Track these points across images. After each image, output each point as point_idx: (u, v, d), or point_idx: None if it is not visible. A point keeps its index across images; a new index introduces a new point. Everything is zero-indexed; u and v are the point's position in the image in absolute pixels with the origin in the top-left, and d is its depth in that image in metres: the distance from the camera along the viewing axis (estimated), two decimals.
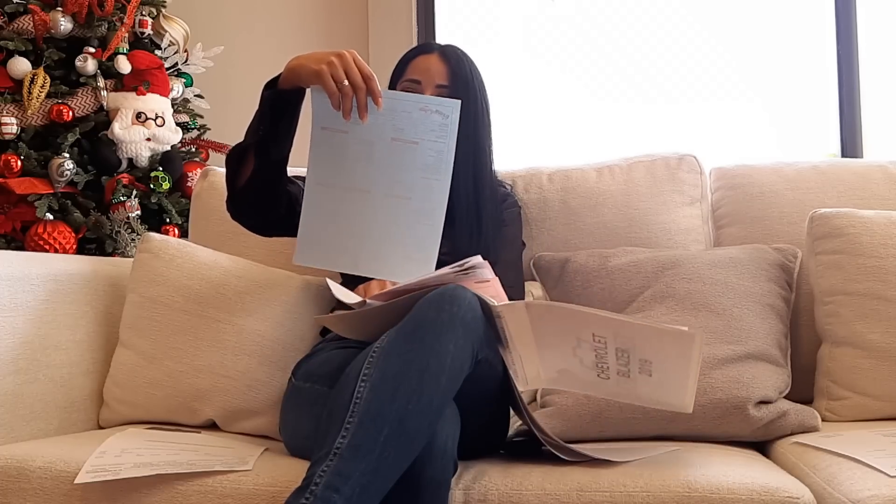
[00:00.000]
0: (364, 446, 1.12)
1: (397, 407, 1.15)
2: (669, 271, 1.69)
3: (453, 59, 1.70)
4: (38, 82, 2.47)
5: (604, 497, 1.22)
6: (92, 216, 2.50)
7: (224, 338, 1.68)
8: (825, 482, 1.24)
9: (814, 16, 2.86)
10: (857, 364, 1.60)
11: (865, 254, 1.63)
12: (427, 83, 1.68)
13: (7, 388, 1.57)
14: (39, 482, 1.35)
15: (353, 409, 1.15)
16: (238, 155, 1.57)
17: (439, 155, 1.47)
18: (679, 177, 1.91)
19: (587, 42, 2.98)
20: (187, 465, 1.35)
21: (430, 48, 1.74)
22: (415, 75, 1.69)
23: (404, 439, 1.14)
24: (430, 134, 1.46)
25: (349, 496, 1.09)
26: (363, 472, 1.11)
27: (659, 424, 1.54)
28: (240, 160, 1.57)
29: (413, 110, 1.47)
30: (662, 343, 1.21)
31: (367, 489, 1.11)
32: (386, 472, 1.13)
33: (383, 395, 1.16)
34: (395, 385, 1.16)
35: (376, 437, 1.13)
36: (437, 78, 1.68)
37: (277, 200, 1.61)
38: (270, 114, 1.51)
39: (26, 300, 1.63)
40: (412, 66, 1.71)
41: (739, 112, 2.92)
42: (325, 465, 1.11)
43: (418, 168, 1.48)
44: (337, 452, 1.12)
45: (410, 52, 1.75)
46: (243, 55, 3.00)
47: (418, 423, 1.15)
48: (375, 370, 1.19)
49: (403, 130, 1.47)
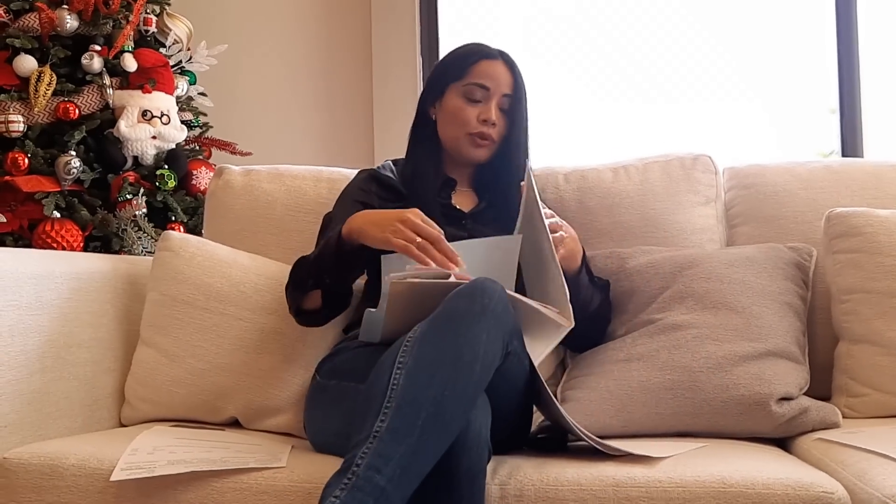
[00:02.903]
0: (402, 430, 1.14)
1: (434, 393, 1.17)
2: (688, 271, 1.71)
3: (516, 69, 1.72)
4: (45, 80, 2.46)
5: (640, 492, 1.24)
6: (99, 214, 2.49)
7: (246, 336, 1.69)
8: (856, 478, 1.26)
9: (814, 15, 2.90)
10: (875, 361, 1.63)
11: (883, 252, 1.65)
12: (495, 91, 1.69)
13: (35, 385, 1.57)
14: (74, 479, 1.36)
15: (390, 395, 1.17)
16: (301, 284, 1.56)
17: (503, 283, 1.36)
18: (694, 177, 1.93)
19: (587, 42, 3.00)
20: (221, 462, 1.35)
21: (490, 52, 1.72)
22: (482, 80, 1.69)
23: (441, 424, 1.16)
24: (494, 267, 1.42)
25: (390, 476, 1.11)
26: (403, 454, 1.12)
27: (682, 420, 1.56)
28: (304, 289, 1.56)
29: (481, 252, 1.44)
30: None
31: (407, 471, 1.13)
32: (424, 456, 1.15)
33: (420, 382, 1.18)
34: (431, 372, 1.18)
35: (414, 421, 1.14)
36: (503, 87, 1.69)
37: (346, 305, 1.64)
38: (337, 269, 1.50)
39: (51, 298, 1.63)
40: (477, 70, 1.70)
41: (740, 111, 2.95)
42: (366, 447, 1.13)
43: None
44: (377, 435, 1.13)
45: (469, 53, 1.73)
46: (246, 53, 3.00)
47: (454, 408, 1.18)
48: (410, 358, 1.20)
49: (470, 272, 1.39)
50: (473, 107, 1.70)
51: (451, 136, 1.73)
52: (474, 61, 1.71)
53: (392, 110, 2.89)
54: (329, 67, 3.01)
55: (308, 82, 3.02)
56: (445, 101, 1.73)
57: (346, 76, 2.99)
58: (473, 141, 1.70)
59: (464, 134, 1.70)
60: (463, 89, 1.70)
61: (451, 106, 1.71)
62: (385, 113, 2.90)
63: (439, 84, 1.74)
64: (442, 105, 1.74)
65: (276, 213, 1.96)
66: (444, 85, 1.73)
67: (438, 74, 1.76)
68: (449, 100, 1.72)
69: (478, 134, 1.69)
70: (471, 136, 1.70)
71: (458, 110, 1.70)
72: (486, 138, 1.70)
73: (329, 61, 3.01)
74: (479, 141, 1.70)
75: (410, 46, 2.91)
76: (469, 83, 1.69)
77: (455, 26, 3.04)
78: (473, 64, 1.70)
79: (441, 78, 1.74)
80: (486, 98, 1.70)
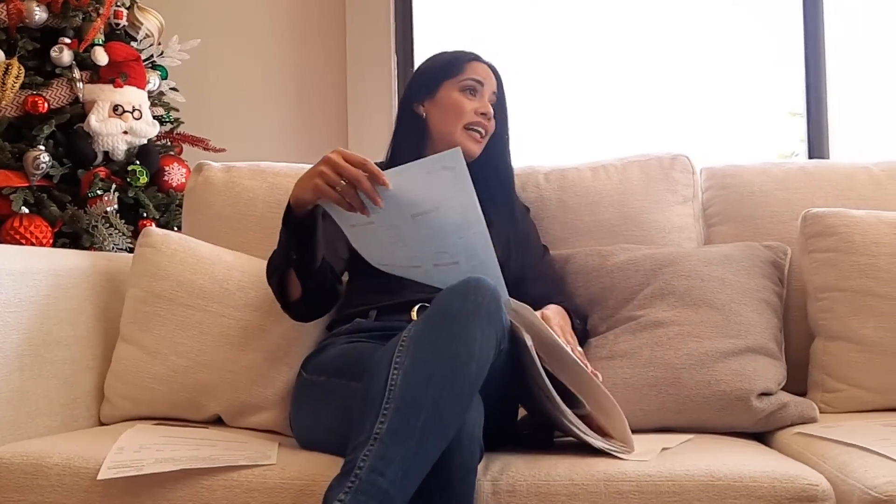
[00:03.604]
0: (403, 431, 1.14)
1: (432, 393, 1.17)
2: (667, 268, 1.74)
3: (500, 77, 1.81)
4: (13, 72, 2.41)
5: (630, 487, 1.26)
6: (69, 210, 2.45)
7: (229, 333, 1.68)
8: (837, 470, 1.29)
9: (778, 19, 2.96)
10: (850, 358, 1.67)
11: (858, 251, 1.69)
12: (488, 87, 1.77)
13: (13, 384, 1.54)
14: (58, 479, 1.34)
15: (388, 396, 1.17)
16: (277, 275, 1.55)
17: (464, 209, 1.34)
18: (672, 176, 1.96)
19: (565, 43, 3.03)
20: (210, 459, 1.35)
21: (480, 57, 1.80)
22: (477, 76, 1.76)
23: (440, 424, 1.17)
24: (446, 192, 1.33)
25: (393, 479, 1.11)
26: (404, 456, 1.13)
27: (665, 416, 1.59)
28: (281, 280, 1.55)
29: (420, 177, 1.34)
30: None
31: (409, 473, 1.13)
32: (425, 457, 1.15)
33: (418, 382, 1.18)
34: (429, 372, 1.19)
35: (414, 422, 1.15)
36: (492, 86, 1.78)
37: (333, 294, 1.62)
38: (297, 241, 1.49)
39: (29, 295, 1.60)
40: (471, 68, 1.77)
41: (705, 113, 3.00)
42: (367, 450, 1.13)
43: (451, 231, 1.36)
44: (377, 437, 1.13)
45: (462, 54, 1.79)
46: (219, 48, 2.97)
47: (452, 408, 1.18)
48: (407, 358, 1.21)
49: (419, 203, 1.34)
50: (471, 100, 1.75)
51: (447, 130, 1.75)
52: (468, 60, 1.78)
53: (366, 106, 2.89)
54: (303, 63, 3.00)
55: (281, 78, 3.00)
56: (440, 95, 1.76)
57: (320, 72, 2.98)
58: (470, 135, 1.74)
59: (461, 127, 1.74)
60: (460, 84, 1.75)
61: (447, 100, 1.75)
62: (359, 109, 2.90)
63: (431, 81, 1.77)
64: (436, 100, 1.77)
65: (258, 210, 1.95)
66: (437, 81, 1.77)
67: (429, 74, 1.79)
68: (445, 94, 1.76)
69: (476, 124, 1.74)
70: (468, 129, 1.74)
71: (456, 103, 1.74)
72: (483, 130, 1.75)
73: (303, 57, 3.00)
74: (476, 134, 1.75)
75: (385, 42, 2.91)
76: (466, 78, 1.76)
77: (429, 24, 3.04)
78: (468, 62, 1.77)
79: (433, 76, 1.78)
80: (480, 94, 1.76)
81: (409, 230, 1.37)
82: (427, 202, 1.34)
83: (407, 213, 1.34)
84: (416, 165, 1.34)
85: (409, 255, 1.41)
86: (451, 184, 1.32)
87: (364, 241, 1.43)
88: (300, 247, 1.49)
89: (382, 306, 1.63)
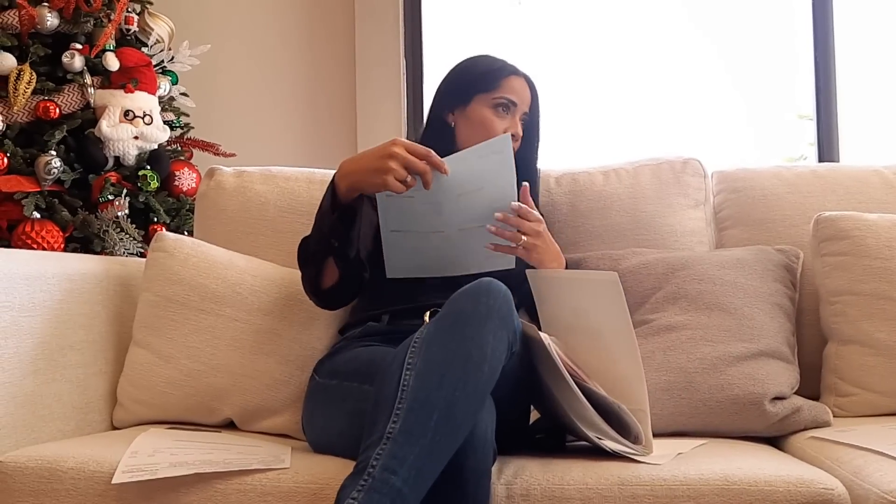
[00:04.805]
0: (415, 431, 1.14)
1: (445, 394, 1.17)
2: (680, 272, 1.74)
3: (535, 89, 1.77)
4: (25, 78, 2.42)
5: (645, 491, 1.26)
6: (80, 215, 2.46)
7: (242, 337, 1.68)
8: (852, 474, 1.29)
9: (788, 22, 2.95)
10: (864, 361, 1.67)
11: (871, 255, 1.69)
12: (520, 107, 1.74)
13: (28, 388, 1.55)
14: (73, 483, 1.34)
15: (401, 397, 1.18)
16: (315, 262, 1.57)
17: (503, 188, 1.48)
18: (684, 180, 1.96)
19: (577, 46, 3.03)
20: (224, 463, 1.35)
21: (517, 70, 1.76)
22: (511, 95, 1.72)
23: (452, 425, 1.17)
24: (491, 174, 1.46)
25: (406, 478, 1.11)
26: (417, 455, 1.13)
27: (678, 420, 1.59)
28: (317, 263, 1.57)
29: (471, 161, 1.46)
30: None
31: (422, 472, 1.13)
32: (437, 457, 1.15)
33: (430, 383, 1.18)
34: (442, 373, 1.19)
35: (426, 422, 1.15)
36: (524, 105, 1.75)
37: (362, 283, 1.64)
38: (342, 226, 1.51)
39: (43, 300, 1.61)
40: (507, 84, 1.73)
41: (716, 117, 2.99)
42: (380, 449, 1.13)
43: (488, 205, 1.49)
44: (390, 436, 1.14)
45: (500, 68, 1.75)
46: (228, 53, 2.98)
47: (465, 409, 1.19)
48: (419, 359, 1.21)
49: (465, 184, 1.45)
50: (501, 119, 1.72)
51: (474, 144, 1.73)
52: (505, 76, 1.74)
53: (375, 110, 2.89)
54: (312, 68, 3.00)
55: (291, 83, 3.01)
56: (471, 109, 1.73)
57: (330, 77, 2.98)
58: None
59: None
60: (492, 101, 1.72)
61: (478, 115, 1.72)
62: (368, 113, 2.90)
63: (465, 93, 1.74)
64: (466, 113, 1.74)
65: (269, 214, 1.95)
66: (470, 94, 1.74)
67: (463, 83, 1.76)
68: (476, 109, 1.73)
69: None
70: None
71: (486, 121, 1.71)
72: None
73: (312, 62, 3.00)
74: None
75: (394, 46, 2.91)
76: (500, 97, 1.72)
77: (438, 28, 3.04)
78: (504, 78, 1.73)
79: (467, 87, 1.75)
80: (512, 113, 1.73)
81: (450, 205, 1.47)
82: (474, 183, 1.46)
83: (454, 193, 1.45)
84: (470, 152, 1.48)
85: (438, 223, 1.49)
86: (498, 167, 1.46)
87: (393, 211, 1.48)
88: (344, 233, 1.51)
89: (395, 310, 1.63)
